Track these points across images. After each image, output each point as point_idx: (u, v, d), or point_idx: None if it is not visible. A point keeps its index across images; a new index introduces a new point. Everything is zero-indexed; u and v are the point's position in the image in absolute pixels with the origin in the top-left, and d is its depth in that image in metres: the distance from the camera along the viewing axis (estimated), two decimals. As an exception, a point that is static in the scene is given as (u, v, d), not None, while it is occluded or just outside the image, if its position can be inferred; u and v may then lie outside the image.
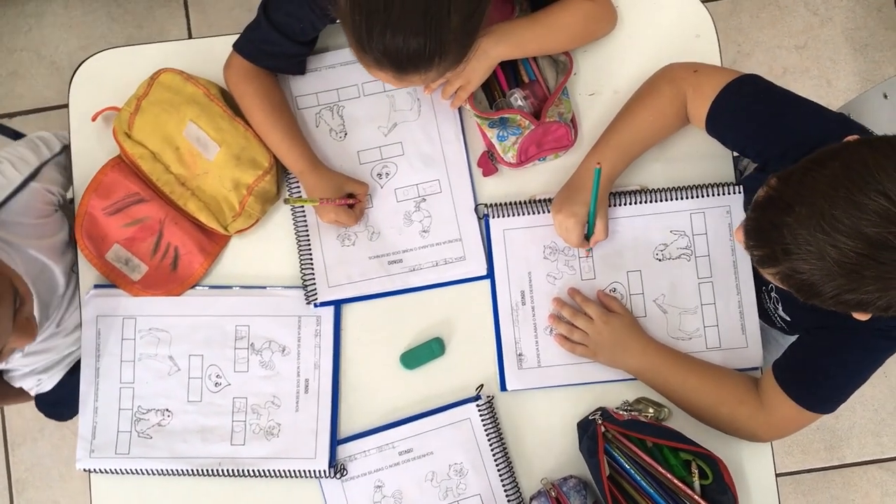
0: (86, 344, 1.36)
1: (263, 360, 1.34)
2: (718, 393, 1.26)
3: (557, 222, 1.30)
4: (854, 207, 0.88)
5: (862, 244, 0.88)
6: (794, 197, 0.93)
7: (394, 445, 1.32)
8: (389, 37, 1.04)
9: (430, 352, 1.34)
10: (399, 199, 1.37)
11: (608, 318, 1.30)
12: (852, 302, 0.94)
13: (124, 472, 1.33)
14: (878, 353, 1.16)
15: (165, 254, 1.36)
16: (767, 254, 0.97)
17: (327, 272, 1.35)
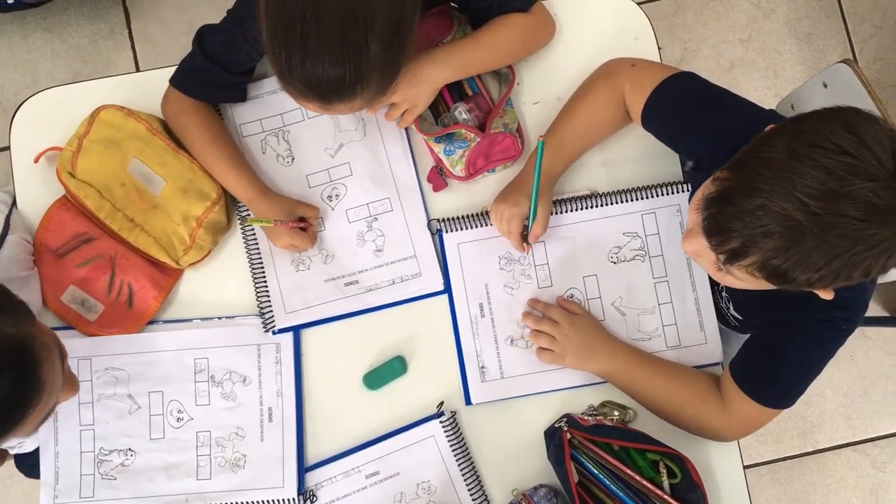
0: None
1: (225, 392, 1.33)
2: (683, 393, 1.27)
3: (497, 214, 1.29)
4: (817, 167, 0.88)
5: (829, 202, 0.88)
6: (756, 178, 0.92)
7: (360, 469, 1.31)
8: (309, 67, 1.05)
9: (393, 371, 1.34)
10: (351, 220, 1.36)
11: (573, 320, 1.30)
12: (828, 277, 0.92)
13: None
14: (828, 344, 1.17)
15: (120, 291, 1.35)
16: (738, 246, 0.95)
17: (284, 299, 1.34)
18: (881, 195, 0.87)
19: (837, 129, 0.90)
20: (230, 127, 1.37)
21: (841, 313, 1.13)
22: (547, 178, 1.28)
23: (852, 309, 1.13)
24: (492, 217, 1.31)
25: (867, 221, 0.88)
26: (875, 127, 0.89)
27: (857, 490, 2.27)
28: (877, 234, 0.89)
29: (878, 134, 0.89)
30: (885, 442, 2.29)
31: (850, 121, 0.90)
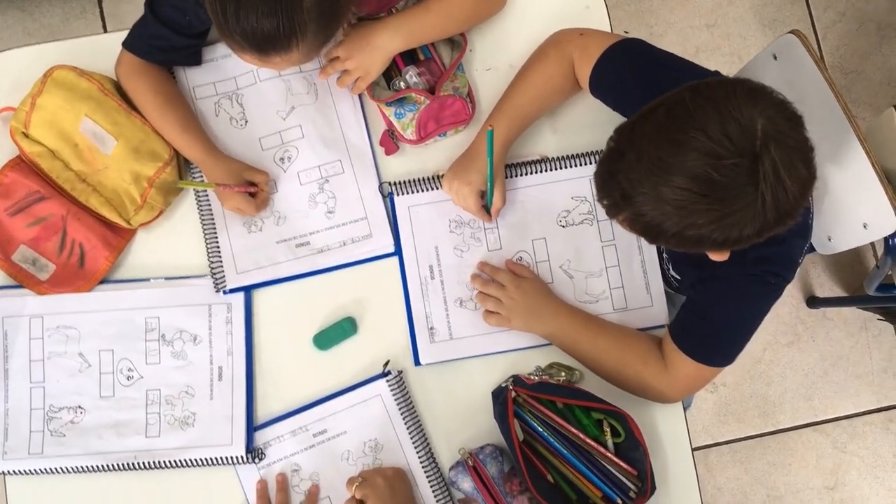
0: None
1: (175, 351, 1.34)
2: (625, 354, 1.29)
3: (453, 191, 1.32)
4: (677, 147, 0.93)
5: (688, 181, 0.92)
6: (626, 145, 0.98)
7: (307, 428, 1.32)
8: (243, 18, 1.07)
9: (343, 331, 1.35)
10: (302, 182, 1.37)
11: (520, 283, 1.32)
12: (692, 239, 0.97)
13: (39, 472, 1.31)
14: (758, 298, 1.19)
15: (72, 251, 1.35)
16: (611, 202, 1.02)
17: (235, 259, 1.35)
18: (723, 172, 0.91)
19: (705, 103, 0.93)
20: (184, 90, 1.38)
21: (768, 267, 1.15)
22: (501, 147, 1.30)
23: (780, 263, 1.16)
24: (447, 192, 1.34)
25: (708, 197, 0.92)
26: (742, 102, 0.92)
27: (817, 470, 2.30)
28: (716, 209, 0.93)
29: (741, 110, 0.92)
30: (845, 422, 2.31)
31: (719, 95, 0.94)
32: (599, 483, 1.26)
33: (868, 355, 2.33)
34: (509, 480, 1.28)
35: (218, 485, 1.33)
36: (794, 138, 0.93)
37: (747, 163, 0.91)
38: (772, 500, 2.29)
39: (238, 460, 1.30)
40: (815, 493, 2.29)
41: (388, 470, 1.28)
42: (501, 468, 1.29)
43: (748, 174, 0.91)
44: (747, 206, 0.93)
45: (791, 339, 2.33)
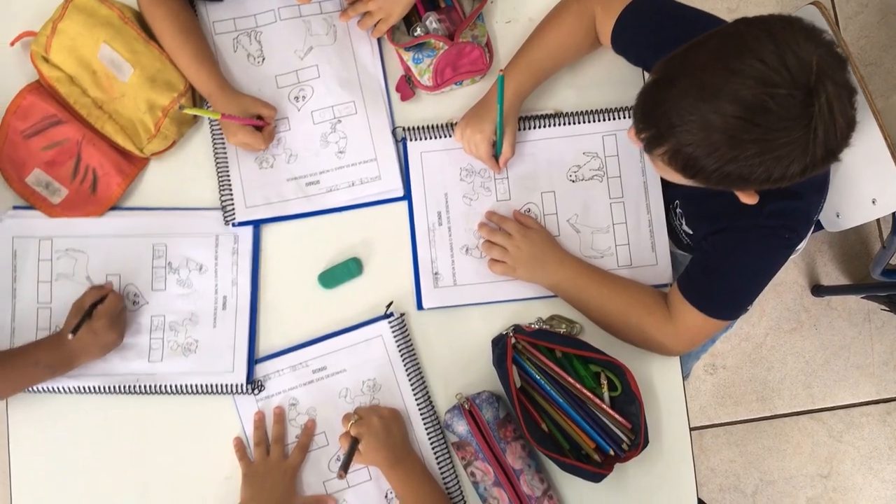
0: (1, 266, 1.35)
1: (181, 279, 1.35)
2: (629, 305, 1.29)
3: (465, 139, 1.32)
4: (731, 74, 0.92)
5: (740, 108, 0.91)
6: (676, 72, 0.97)
7: (307, 364, 1.33)
8: None
9: (349, 271, 1.36)
10: (315, 122, 1.38)
11: (526, 233, 1.32)
12: (733, 175, 0.97)
13: (42, 390, 1.32)
14: (770, 253, 1.19)
15: (85, 177, 1.36)
16: (654, 133, 1.00)
17: (245, 193, 1.36)
18: (778, 101, 0.90)
19: (760, 34, 0.93)
20: (204, 25, 1.39)
21: (784, 222, 1.15)
22: (515, 97, 1.30)
23: (795, 219, 1.16)
24: (458, 140, 1.34)
25: (760, 126, 0.92)
26: (799, 36, 0.92)
27: (811, 457, 2.30)
28: (767, 140, 0.92)
29: (798, 43, 0.91)
30: (843, 412, 2.32)
31: (775, 28, 0.93)
32: (593, 433, 1.27)
33: (870, 346, 2.32)
34: (504, 426, 1.29)
35: (216, 415, 1.34)
36: (843, 78, 0.93)
37: (802, 95, 0.90)
38: (764, 485, 2.29)
39: (238, 389, 1.31)
40: (808, 480, 2.29)
41: (385, 410, 1.29)
42: (497, 414, 1.29)
43: (802, 107, 0.90)
44: (798, 139, 0.92)
45: (794, 326, 2.33)
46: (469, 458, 1.29)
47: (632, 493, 1.32)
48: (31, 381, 1.28)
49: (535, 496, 1.27)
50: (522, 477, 1.27)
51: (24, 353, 1.28)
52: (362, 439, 1.23)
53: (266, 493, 1.26)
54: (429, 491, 1.25)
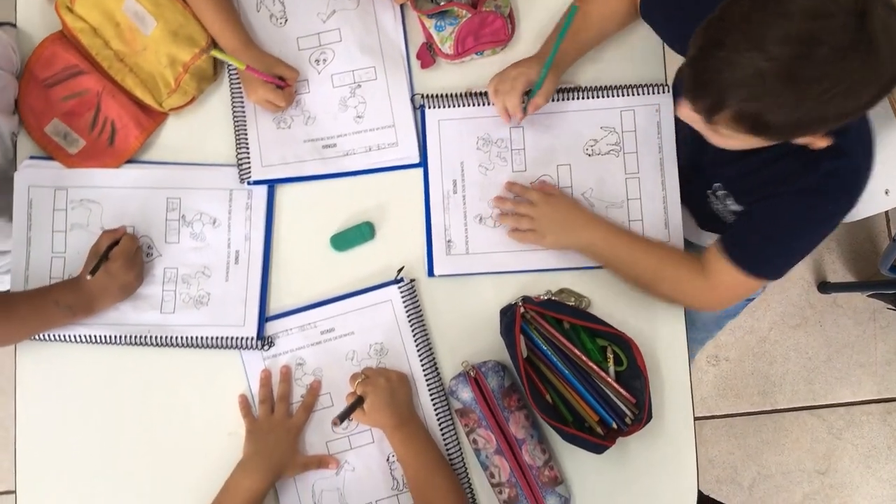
0: (17, 213, 1.36)
1: (194, 232, 1.36)
2: (660, 259, 1.29)
3: (506, 78, 1.29)
4: (777, 16, 0.90)
5: (793, 47, 0.90)
6: (719, 33, 0.95)
7: (316, 325, 1.34)
8: None
9: (361, 235, 1.36)
10: (335, 85, 1.39)
11: (549, 199, 1.32)
12: (805, 119, 0.95)
13: (53, 338, 1.33)
14: (819, 215, 1.17)
15: (103, 129, 1.37)
16: (712, 101, 0.97)
17: (262, 152, 1.37)
18: (839, 34, 0.89)
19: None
20: (228, -19, 1.39)
21: (838, 182, 1.12)
22: (556, 66, 1.29)
23: (849, 179, 1.13)
24: (495, 79, 1.31)
25: (819, 61, 0.90)
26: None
27: (810, 453, 2.31)
28: (834, 72, 0.90)
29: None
30: (843, 409, 2.32)
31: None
32: (597, 406, 1.28)
33: (874, 345, 2.33)
34: (508, 396, 1.30)
35: (223, 372, 1.35)
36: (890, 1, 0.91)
37: (854, 21, 0.88)
38: (762, 478, 2.30)
39: (248, 343, 1.32)
40: (805, 476, 2.30)
41: (392, 373, 1.30)
42: (502, 383, 1.30)
43: (857, 32, 0.88)
44: (861, 66, 0.90)
45: (798, 322, 2.33)
46: (472, 426, 1.29)
47: (632, 469, 1.33)
48: (49, 322, 1.28)
49: (536, 466, 1.27)
50: (524, 446, 1.28)
51: (43, 294, 1.29)
52: (367, 398, 1.24)
53: (268, 449, 1.27)
54: (430, 456, 1.26)
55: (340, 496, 1.30)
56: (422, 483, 1.24)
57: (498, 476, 1.28)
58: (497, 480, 1.28)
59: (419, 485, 1.24)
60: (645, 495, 1.32)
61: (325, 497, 1.30)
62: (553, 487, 1.28)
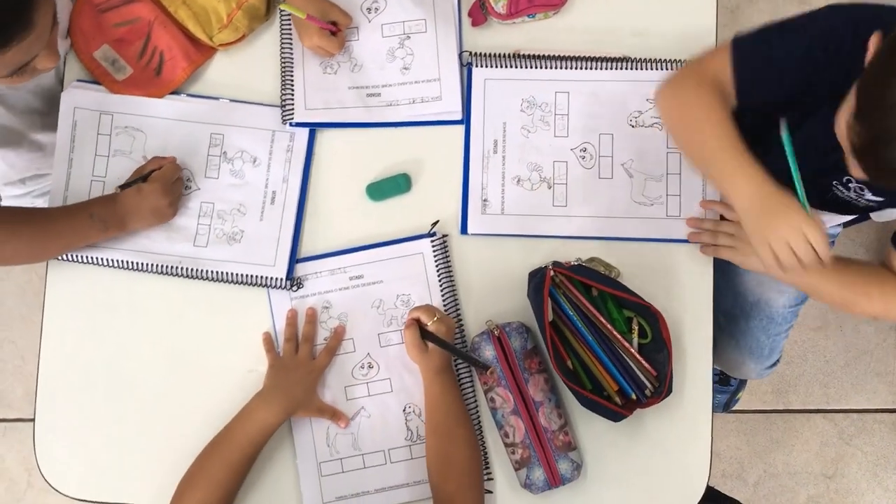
0: (61, 134, 1.37)
1: (234, 169, 1.36)
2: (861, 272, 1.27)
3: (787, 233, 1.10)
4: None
5: None
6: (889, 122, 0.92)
7: (345, 270, 1.34)
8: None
9: (397, 186, 1.37)
10: (384, 35, 1.39)
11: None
12: None
13: (87, 259, 1.34)
14: None
15: (151, 58, 1.38)
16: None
17: (306, 95, 1.37)
18: None
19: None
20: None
21: None
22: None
23: None
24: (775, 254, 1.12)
25: None
26: None
27: (818, 456, 2.29)
28: None
29: None
30: (856, 416, 2.30)
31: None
32: (618, 375, 1.28)
33: (893, 355, 2.31)
34: (529, 358, 1.30)
35: (248, 310, 1.36)
36: None
37: None
38: (767, 477, 2.29)
39: (277, 283, 1.33)
40: (811, 479, 2.29)
41: (452, 322, 1.29)
42: (525, 344, 1.30)
43: None
44: None
45: (820, 325, 2.32)
46: (491, 384, 1.30)
47: (646, 443, 1.33)
48: (83, 235, 1.30)
49: (552, 429, 1.28)
50: (542, 409, 1.28)
51: (79, 207, 1.31)
52: (436, 334, 1.24)
53: (288, 386, 1.28)
54: (458, 407, 1.27)
55: (354, 441, 1.31)
56: (443, 432, 1.25)
57: (512, 436, 1.29)
58: (511, 440, 1.29)
59: (439, 432, 1.25)
60: (656, 470, 1.33)
61: (338, 440, 1.31)
62: (566, 452, 1.28)
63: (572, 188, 1.37)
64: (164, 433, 1.34)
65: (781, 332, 1.65)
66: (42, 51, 1.12)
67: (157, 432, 1.35)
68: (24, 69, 1.13)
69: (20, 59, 1.09)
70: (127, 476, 1.35)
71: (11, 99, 1.34)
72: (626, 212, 1.36)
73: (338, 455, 1.31)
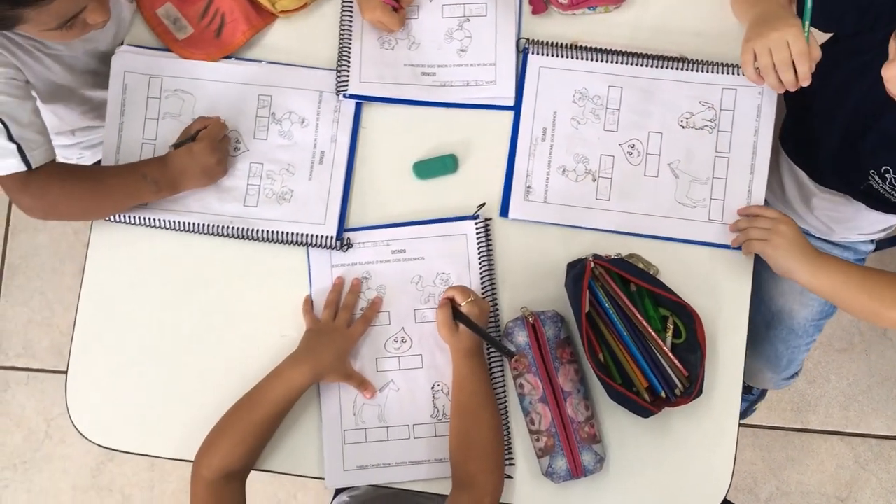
0: (112, 97, 1.39)
1: (282, 130, 1.38)
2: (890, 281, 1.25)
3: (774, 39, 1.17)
4: None
5: None
6: None
7: (388, 243, 1.35)
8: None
9: (444, 166, 1.37)
10: (444, 16, 1.39)
11: (788, 220, 1.29)
12: None
13: (138, 221, 1.36)
14: None
15: (212, 20, 1.39)
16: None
17: (362, 67, 1.38)
18: None
19: None
20: None
21: None
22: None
23: None
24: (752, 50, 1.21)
25: None
26: None
27: (833, 479, 2.28)
28: None
29: None
30: (874, 441, 2.29)
31: None
32: (649, 372, 1.28)
33: (917, 384, 2.30)
34: (561, 347, 1.31)
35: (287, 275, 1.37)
36: None
37: None
38: (780, 494, 2.28)
39: (328, 242, 1.34)
40: (824, 500, 2.28)
41: (486, 304, 1.30)
42: (558, 334, 1.31)
43: None
44: None
45: (845, 346, 2.30)
46: (521, 370, 1.30)
47: (671, 441, 1.33)
48: (135, 195, 1.31)
49: (578, 420, 1.28)
50: (570, 399, 1.29)
51: (131, 167, 1.32)
52: (468, 316, 1.25)
53: (322, 350, 1.29)
54: (486, 390, 1.27)
55: (380, 412, 1.32)
56: (467, 413, 1.25)
57: (538, 423, 1.29)
58: (536, 428, 1.29)
59: (463, 413, 1.25)
60: (678, 471, 1.32)
61: (365, 410, 1.32)
62: (590, 444, 1.28)
63: (617, 183, 1.37)
64: (192, 391, 1.36)
65: (802, 345, 1.64)
66: (91, 2, 1.13)
67: (185, 389, 1.36)
68: (74, 22, 1.14)
69: (67, 8, 1.10)
70: (152, 430, 1.36)
71: (69, 59, 1.35)
72: (669, 211, 1.36)
73: (363, 425, 1.32)
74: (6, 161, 1.19)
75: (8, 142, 1.18)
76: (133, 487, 2.27)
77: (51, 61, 1.30)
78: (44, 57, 1.29)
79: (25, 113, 1.21)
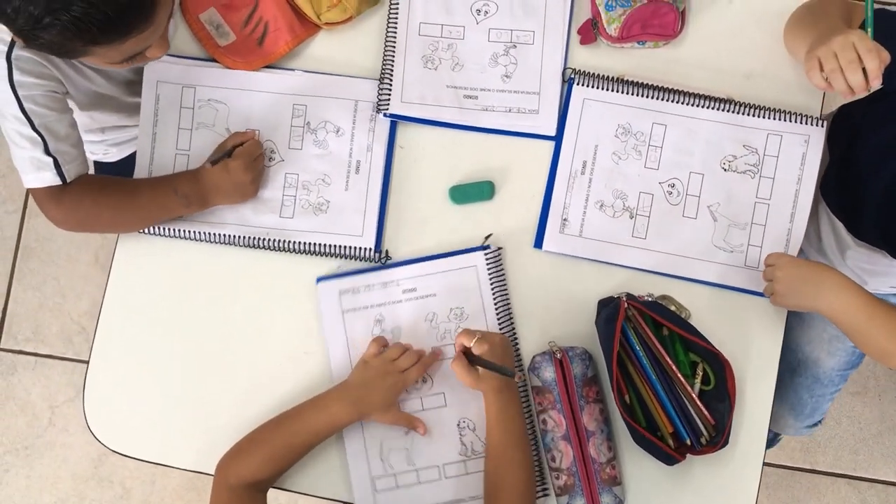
0: (145, 108, 1.37)
1: (317, 140, 1.36)
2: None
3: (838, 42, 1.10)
4: None
5: None
6: None
7: (398, 283, 1.33)
8: None
9: (480, 192, 1.36)
10: (490, 39, 1.37)
11: (794, 260, 1.27)
12: None
13: (173, 233, 1.35)
14: None
15: (255, 28, 1.37)
16: None
17: (404, 87, 1.36)
18: None
19: None
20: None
21: None
22: None
23: None
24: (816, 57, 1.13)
25: None
26: None
27: (837, 522, 2.27)
28: None
29: None
30: (881, 487, 2.27)
31: None
32: (675, 417, 1.26)
33: (929, 432, 2.28)
34: (588, 386, 1.29)
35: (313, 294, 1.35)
36: None
37: None
38: (783, 534, 2.27)
39: (366, 254, 1.33)
40: (827, 542, 2.26)
41: (500, 336, 1.28)
42: (585, 371, 1.29)
43: None
44: None
45: (858, 390, 2.28)
46: (545, 406, 1.29)
47: (691, 488, 1.31)
48: (166, 209, 1.30)
49: (600, 461, 1.26)
50: (593, 439, 1.27)
51: (163, 181, 1.31)
52: (489, 353, 1.22)
53: (374, 387, 1.25)
54: (517, 427, 1.24)
55: (408, 455, 1.30)
56: (500, 452, 1.23)
57: (559, 461, 1.27)
58: (557, 465, 1.28)
59: (497, 453, 1.23)
60: (696, 519, 1.31)
61: (392, 455, 1.29)
62: (610, 486, 1.27)
63: (654, 222, 1.35)
64: (209, 404, 1.34)
65: (827, 393, 1.62)
66: (155, 41, 1.13)
67: (202, 402, 1.35)
68: (136, 58, 1.14)
69: (135, 48, 1.10)
70: (165, 440, 1.35)
71: (112, 71, 1.34)
72: (704, 254, 1.34)
73: (391, 470, 1.29)
74: (42, 174, 1.18)
75: (45, 155, 1.18)
76: (134, 480, 2.25)
77: (93, 73, 1.30)
78: (86, 69, 1.28)
79: (63, 126, 1.21)
